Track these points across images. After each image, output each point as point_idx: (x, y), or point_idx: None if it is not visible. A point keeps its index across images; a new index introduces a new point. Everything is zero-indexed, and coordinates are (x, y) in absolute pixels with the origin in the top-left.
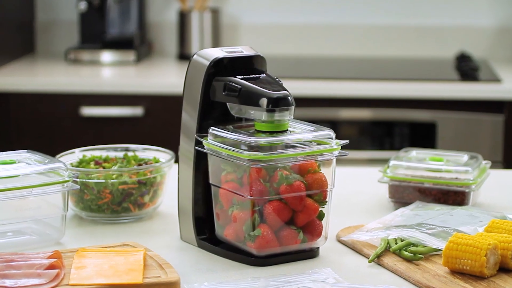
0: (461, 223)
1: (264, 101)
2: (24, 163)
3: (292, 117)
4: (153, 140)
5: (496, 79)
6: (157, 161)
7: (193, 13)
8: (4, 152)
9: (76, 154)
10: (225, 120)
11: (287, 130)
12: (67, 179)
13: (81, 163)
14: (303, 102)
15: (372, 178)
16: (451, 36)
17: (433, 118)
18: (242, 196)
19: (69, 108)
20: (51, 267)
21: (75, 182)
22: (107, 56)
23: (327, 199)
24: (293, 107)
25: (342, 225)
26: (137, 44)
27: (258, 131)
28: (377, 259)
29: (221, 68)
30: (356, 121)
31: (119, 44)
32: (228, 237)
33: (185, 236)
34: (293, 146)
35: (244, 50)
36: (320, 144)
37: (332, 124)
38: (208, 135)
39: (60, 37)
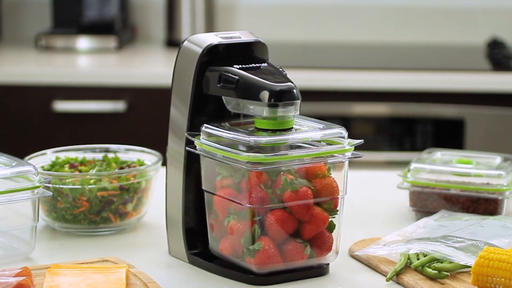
0: (493, 236)
1: (265, 95)
2: None
3: (298, 113)
4: (137, 139)
5: None
6: (141, 163)
7: None
8: None
9: (48, 156)
10: (221, 116)
11: (292, 128)
12: (37, 184)
13: (54, 166)
14: (310, 95)
15: (391, 183)
16: (482, 19)
17: (461, 114)
18: (240, 204)
19: (40, 103)
20: (19, 286)
21: (47, 188)
22: (84, 42)
23: (338, 208)
24: (299, 102)
25: (355, 238)
26: (119, 29)
27: (259, 129)
28: (396, 277)
29: (216, 56)
30: (371, 117)
31: (98, 28)
32: (224, 252)
33: (174, 250)
34: (299, 147)
35: (242, 36)
36: (330, 144)
37: (344, 121)
38: (201, 133)
39: (29, 21)
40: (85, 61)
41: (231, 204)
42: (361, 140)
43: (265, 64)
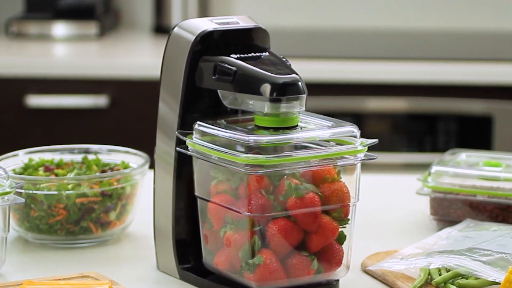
0: None
1: (266, 88)
2: None
3: (304, 109)
4: (121, 138)
5: None
6: (126, 166)
7: None
8: None
9: (20, 157)
10: (216, 112)
11: (297, 126)
12: (8, 190)
13: (27, 169)
14: (317, 89)
15: (409, 188)
16: None
17: (489, 110)
18: (238, 212)
19: (11, 97)
20: None
21: (19, 194)
22: (60, 28)
23: (349, 217)
24: (304, 96)
25: (369, 251)
26: (100, 13)
27: (259, 127)
28: None
29: (210, 44)
30: (387, 114)
31: (77, 13)
32: (220, 267)
33: (163, 264)
34: (305, 147)
35: (240, 21)
36: (341, 145)
37: (356, 118)
38: (194, 132)
39: None
40: (62, 50)
41: (227, 212)
42: (376, 140)
43: (267, 54)
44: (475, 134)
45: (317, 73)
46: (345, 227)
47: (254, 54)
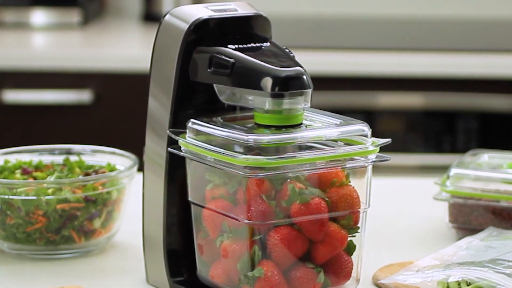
0: None
1: (268, 82)
2: None
3: (309, 105)
4: (106, 138)
5: None
6: (112, 169)
7: None
8: None
9: None
10: (212, 109)
11: (301, 124)
12: None
13: (3, 171)
14: (324, 83)
15: (425, 193)
16: None
17: None
18: (236, 219)
19: None
20: None
21: None
22: (39, 16)
23: (359, 225)
24: (309, 91)
25: (381, 262)
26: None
27: (260, 126)
28: None
29: (206, 34)
30: (401, 110)
31: None
32: (216, 280)
33: (153, 277)
34: (310, 148)
35: (238, 8)
36: (350, 145)
37: (367, 115)
38: (187, 131)
39: None
40: (42, 40)
41: (224, 220)
42: (389, 140)
43: (268, 44)
44: (499, 133)
45: (324, 65)
46: (354, 236)
47: (254, 45)
